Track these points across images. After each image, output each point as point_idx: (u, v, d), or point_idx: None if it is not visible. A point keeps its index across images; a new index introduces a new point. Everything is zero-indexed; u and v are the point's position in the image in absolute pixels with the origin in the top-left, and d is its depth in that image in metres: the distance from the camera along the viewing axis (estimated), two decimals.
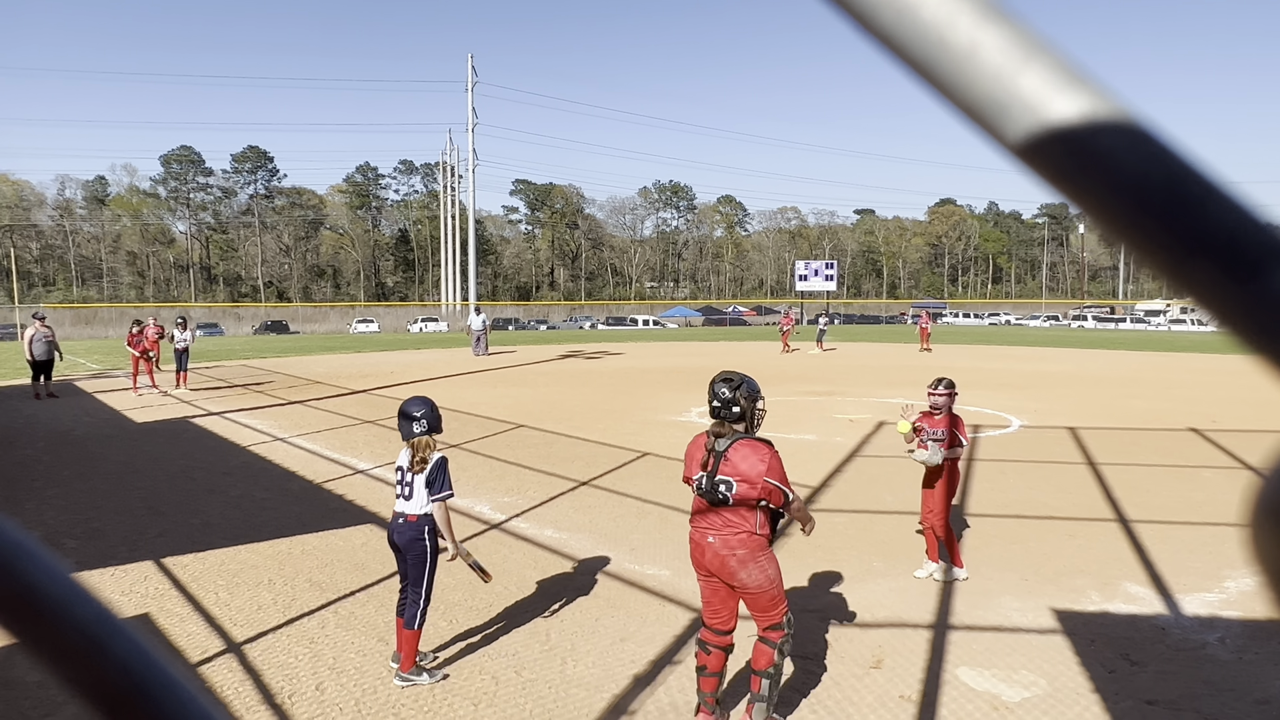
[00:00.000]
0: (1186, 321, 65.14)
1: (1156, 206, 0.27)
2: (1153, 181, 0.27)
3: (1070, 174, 0.28)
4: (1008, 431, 13.48)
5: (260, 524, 8.06)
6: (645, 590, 6.24)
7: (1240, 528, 0.27)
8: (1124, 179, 0.27)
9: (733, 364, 27.79)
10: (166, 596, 6.16)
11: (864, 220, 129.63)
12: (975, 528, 7.85)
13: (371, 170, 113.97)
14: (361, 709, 4.43)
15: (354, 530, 7.84)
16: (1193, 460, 10.98)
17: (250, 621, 5.66)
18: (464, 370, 25.60)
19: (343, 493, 9.39)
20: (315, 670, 4.90)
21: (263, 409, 16.59)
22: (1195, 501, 8.75)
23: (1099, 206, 0.28)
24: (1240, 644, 5.19)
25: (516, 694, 4.60)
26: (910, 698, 4.59)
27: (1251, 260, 0.26)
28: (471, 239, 59.35)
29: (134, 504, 8.90)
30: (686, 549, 7.17)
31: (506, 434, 13.24)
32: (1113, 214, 0.28)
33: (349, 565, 6.83)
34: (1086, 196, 0.28)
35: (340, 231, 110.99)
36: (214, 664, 5.01)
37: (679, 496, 9.11)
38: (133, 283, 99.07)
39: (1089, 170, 0.28)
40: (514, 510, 8.54)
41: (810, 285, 73.13)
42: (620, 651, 5.16)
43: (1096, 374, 24.11)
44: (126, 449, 12.23)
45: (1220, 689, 4.58)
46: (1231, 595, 6.01)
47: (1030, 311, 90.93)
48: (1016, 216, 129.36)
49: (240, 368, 27.13)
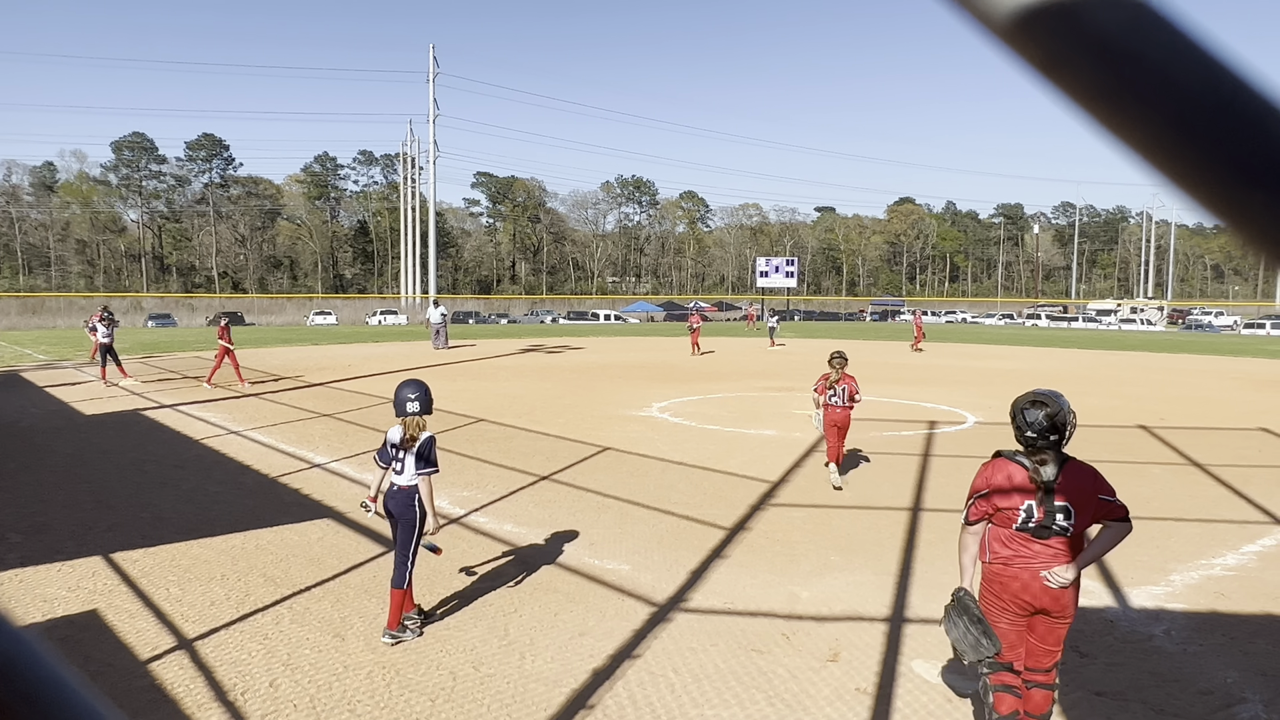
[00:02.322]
0: (1136, 321, 66.68)
1: (1152, 86, 0.24)
2: (1150, 60, 0.24)
3: (1060, 58, 0.25)
4: (963, 428, 13.68)
5: (214, 518, 7.92)
6: (605, 585, 6.24)
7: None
8: (1116, 55, 0.24)
9: (695, 359, 27.89)
10: (115, 592, 6.02)
11: (824, 218, 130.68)
12: (930, 523, 7.95)
13: (330, 160, 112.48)
14: (316, 705, 4.38)
15: (310, 525, 7.73)
16: (1141, 457, 11.23)
17: (202, 617, 5.56)
18: (423, 364, 25.37)
19: (299, 487, 9.25)
20: (269, 666, 4.83)
21: (217, 402, 16.29)
22: (1143, 497, 8.94)
23: (1085, 91, 0.25)
24: (1185, 636, 5.32)
25: (474, 689, 4.57)
26: (866, 690, 4.64)
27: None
28: (432, 231, 58.87)
29: (82, 497, 8.69)
30: (646, 543, 7.20)
31: (466, 428, 13.15)
32: (1101, 97, 0.25)
33: (304, 560, 6.73)
34: (1071, 81, 0.25)
35: (298, 222, 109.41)
36: (164, 661, 4.91)
37: (639, 491, 9.12)
38: (82, 271, 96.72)
39: (1078, 48, 0.25)
40: (473, 505, 8.48)
41: (771, 282, 73.63)
42: (579, 646, 5.15)
43: (1049, 371, 24.54)
44: (75, 441, 11.94)
45: (1166, 680, 4.70)
46: (1177, 589, 6.16)
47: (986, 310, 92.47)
48: (974, 216, 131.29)
49: (194, 359, 26.61)
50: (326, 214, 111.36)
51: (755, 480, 9.57)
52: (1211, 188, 0.24)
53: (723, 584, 6.28)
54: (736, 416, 14.39)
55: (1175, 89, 0.24)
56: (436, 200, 71.00)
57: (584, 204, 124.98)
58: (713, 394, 17.90)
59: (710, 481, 9.57)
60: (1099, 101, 0.25)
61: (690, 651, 5.11)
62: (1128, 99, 0.24)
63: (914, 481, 9.72)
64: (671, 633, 5.39)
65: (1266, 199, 0.23)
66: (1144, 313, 70.25)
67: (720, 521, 7.93)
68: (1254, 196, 0.23)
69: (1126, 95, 0.24)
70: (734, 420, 13.96)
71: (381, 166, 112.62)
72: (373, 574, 6.39)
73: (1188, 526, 7.83)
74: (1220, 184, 0.23)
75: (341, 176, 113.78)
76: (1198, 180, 0.24)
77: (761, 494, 8.97)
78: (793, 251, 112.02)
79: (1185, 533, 7.62)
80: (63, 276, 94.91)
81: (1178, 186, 0.24)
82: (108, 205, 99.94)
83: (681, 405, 15.81)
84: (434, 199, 60.96)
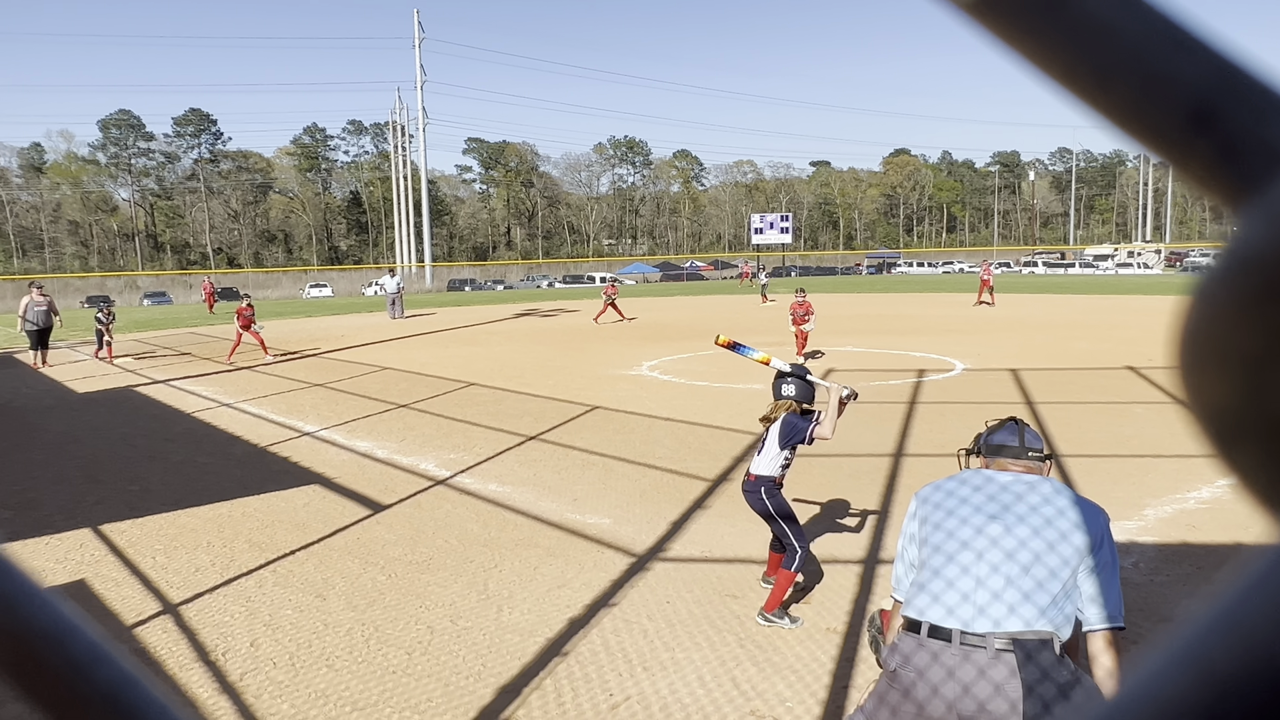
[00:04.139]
0: (1133, 265, 66.45)
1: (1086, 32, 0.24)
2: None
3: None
4: (951, 375, 13.72)
5: (201, 488, 8.00)
6: (585, 538, 6.32)
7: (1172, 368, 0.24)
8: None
9: (687, 318, 27.91)
10: (103, 562, 6.11)
11: (820, 172, 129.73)
12: (910, 467, 8.02)
13: (320, 131, 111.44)
14: (295, 662, 4.47)
15: (296, 491, 7.81)
16: (1126, 397, 11.29)
17: (187, 583, 5.64)
18: (417, 332, 25.40)
19: (287, 455, 9.33)
20: (250, 627, 4.92)
21: (209, 375, 16.35)
22: (1124, 436, 9.02)
23: (1018, 30, 0.25)
24: (1153, 567, 5.40)
25: (451, 642, 4.66)
26: (836, 630, 4.73)
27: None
28: (425, 199, 58.61)
29: (72, 473, 8.77)
30: (629, 497, 7.28)
31: (456, 393, 13.21)
32: (1034, 35, 0.25)
33: (290, 525, 6.82)
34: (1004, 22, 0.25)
35: (290, 195, 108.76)
36: (149, 625, 5.00)
37: (624, 447, 9.20)
38: (76, 253, 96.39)
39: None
40: (459, 466, 8.56)
41: (766, 238, 73.33)
42: (557, 597, 5.24)
43: (1043, 318, 24.56)
44: (66, 419, 12.01)
45: (1130, 610, 4.73)
46: (1149, 523, 6.24)
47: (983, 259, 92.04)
48: (970, 165, 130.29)
49: (188, 335, 26.65)
50: (318, 186, 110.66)
51: (740, 433, 9.63)
52: (1152, 127, 0.23)
53: (702, 534, 6.36)
54: (725, 372, 14.44)
55: (1110, 27, 0.23)
56: (428, 168, 70.60)
57: (577, 167, 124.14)
58: (703, 351, 17.93)
59: (696, 436, 9.64)
60: (1032, 39, 0.25)
61: (666, 599, 5.20)
62: (1063, 37, 0.24)
63: (899, 429, 9.79)
64: (649, 581, 5.47)
65: (1208, 140, 0.23)
66: (1141, 256, 70.00)
67: (703, 474, 8.01)
68: (1196, 140, 0.23)
69: (1061, 33, 0.24)
70: (722, 376, 14.00)
71: (372, 136, 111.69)
72: (356, 536, 6.47)
73: (1166, 462, 7.89)
74: (1160, 124, 0.23)
75: (332, 147, 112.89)
76: (1138, 119, 0.24)
77: (746, 446, 9.03)
78: (789, 207, 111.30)
79: (1163, 469, 7.69)
80: (57, 258, 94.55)
81: (1117, 126, 0.24)
82: (98, 185, 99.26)
83: (671, 363, 15.85)
84: (425, 167, 60.66)
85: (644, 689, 4.12)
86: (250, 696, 4.15)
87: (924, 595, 2.54)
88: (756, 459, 5.09)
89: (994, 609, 2.41)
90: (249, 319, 18.72)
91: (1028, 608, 2.39)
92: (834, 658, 4.41)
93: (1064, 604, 2.42)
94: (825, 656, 4.44)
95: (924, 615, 2.49)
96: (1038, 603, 2.40)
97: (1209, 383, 0.22)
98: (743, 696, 4.04)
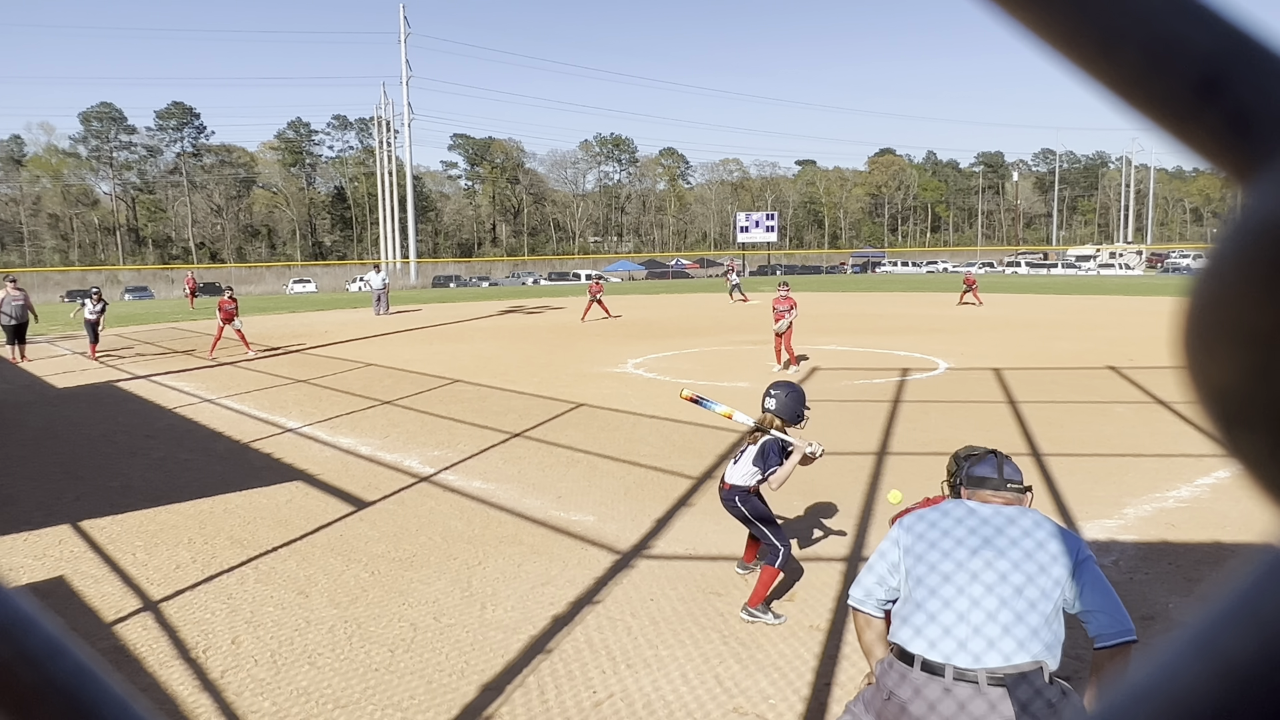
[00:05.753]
0: (1115, 266, 66.99)
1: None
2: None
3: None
4: (934, 374, 13.79)
5: (182, 485, 7.94)
6: (569, 535, 6.31)
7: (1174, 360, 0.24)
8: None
9: (673, 315, 27.91)
10: (82, 559, 6.06)
11: (805, 171, 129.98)
12: (894, 466, 8.06)
13: (304, 126, 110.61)
14: (276, 659, 4.44)
15: (279, 488, 7.77)
16: (1107, 396, 11.37)
17: (167, 580, 5.60)
18: (401, 328, 25.30)
19: (270, 451, 9.27)
20: (232, 624, 4.89)
21: (191, 371, 16.23)
22: (1105, 435, 9.09)
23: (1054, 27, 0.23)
24: (1132, 565, 5.45)
25: (434, 639, 4.65)
26: (819, 627, 4.75)
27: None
28: (410, 195, 58.31)
29: (51, 469, 8.69)
30: (613, 494, 7.29)
31: (440, 390, 13.16)
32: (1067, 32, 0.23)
33: (272, 522, 6.78)
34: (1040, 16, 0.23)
35: (274, 190, 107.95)
36: (128, 622, 4.96)
37: (609, 445, 9.20)
38: (56, 246, 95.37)
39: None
40: (443, 463, 8.53)
41: (751, 237, 73.42)
42: (540, 595, 5.23)
43: (1026, 318, 24.72)
44: (45, 415, 11.89)
45: None
46: (1129, 521, 6.29)
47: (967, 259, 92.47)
48: (954, 165, 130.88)
49: (169, 330, 26.44)
50: (303, 181, 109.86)
51: (725, 430, 9.64)
52: (1158, 97, 0.23)
53: (686, 531, 6.37)
54: (710, 370, 14.47)
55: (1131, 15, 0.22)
56: (414, 164, 70.28)
57: (563, 164, 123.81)
58: (688, 349, 17.95)
59: (680, 433, 9.65)
60: (1033, 3, 0.24)
61: (650, 596, 5.20)
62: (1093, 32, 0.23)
63: (882, 427, 9.83)
64: (633, 579, 5.48)
65: (1216, 109, 0.22)
66: (1123, 257, 70.54)
67: (688, 471, 8.02)
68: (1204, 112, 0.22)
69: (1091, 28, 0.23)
70: (708, 373, 14.03)
71: (356, 131, 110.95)
72: (339, 533, 6.44)
73: (1146, 462, 7.96)
74: (1167, 93, 0.22)
75: (316, 142, 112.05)
76: (1144, 88, 0.23)
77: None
78: (774, 206, 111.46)
79: (1143, 468, 7.75)
80: (37, 252, 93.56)
81: (1121, 96, 0.23)
82: (78, 178, 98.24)
83: (656, 361, 15.86)
84: (410, 162, 60.34)
85: (627, 686, 4.13)
86: (231, 694, 4.12)
87: (908, 628, 2.60)
88: (731, 467, 5.14)
89: (976, 642, 2.47)
90: (231, 313, 18.61)
91: (1009, 641, 2.45)
92: (817, 655, 4.43)
93: (1044, 633, 2.48)
94: (808, 653, 4.45)
95: (914, 647, 2.54)
96: (1018, 635, 2.46)
97: (1216, 363, 0.22)
98: (726, 693, 4.05)
